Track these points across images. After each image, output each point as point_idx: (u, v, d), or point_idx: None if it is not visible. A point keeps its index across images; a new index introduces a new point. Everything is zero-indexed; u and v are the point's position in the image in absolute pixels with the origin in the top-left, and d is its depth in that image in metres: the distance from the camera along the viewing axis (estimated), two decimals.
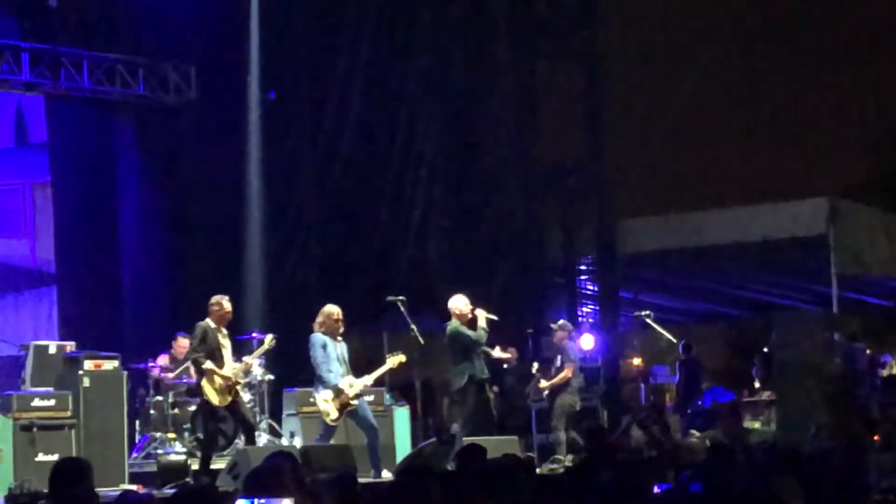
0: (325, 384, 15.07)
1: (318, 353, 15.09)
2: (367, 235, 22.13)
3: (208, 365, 14.78)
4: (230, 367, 14.98)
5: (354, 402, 15.15)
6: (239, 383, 15.18)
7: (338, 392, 15.04)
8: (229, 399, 14.91)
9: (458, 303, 16.44)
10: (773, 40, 20.80)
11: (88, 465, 7.99)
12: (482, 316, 16.27)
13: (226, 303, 15.12)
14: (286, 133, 22.23)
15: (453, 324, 16.32)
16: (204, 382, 14.84)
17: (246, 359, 15.54)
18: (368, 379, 15.48)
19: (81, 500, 7.65)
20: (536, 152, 22.13)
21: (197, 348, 14.93)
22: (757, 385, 22.82)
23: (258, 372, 17.58)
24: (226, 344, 15.10)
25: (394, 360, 15.65)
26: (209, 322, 14.98)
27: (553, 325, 18.33)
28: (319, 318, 15.29)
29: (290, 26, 22.17)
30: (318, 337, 15.16)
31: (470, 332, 16.30)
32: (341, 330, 15.34)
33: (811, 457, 9.01)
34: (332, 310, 15.31)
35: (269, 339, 15.74)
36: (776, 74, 21.01)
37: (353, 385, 15.14)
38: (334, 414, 15.08)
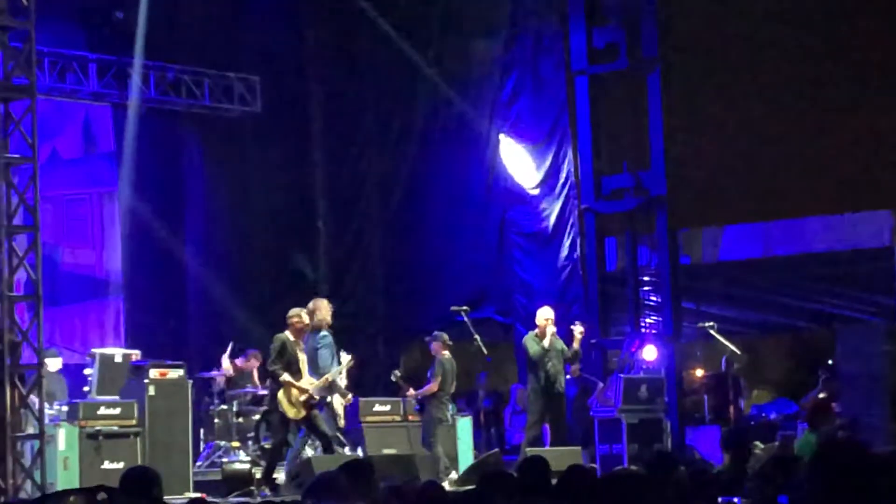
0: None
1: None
2: (430, 244, 22.10)
3: (286, 377, 14.86)
4: (307, 380, 15.07)
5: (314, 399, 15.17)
6: (315, 398, 15.19)
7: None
8: (304, 413, 14.99)
9: (537, 314, 16.57)
10: (841, 49, 20.64)
11: (157, 475, 8.09)
12: (549, 332, 16.31)
13: (304, 316, 15.21)
14: (351, 144, 22.30)
15: (528, 334, 16.49)
16: (280, 394, 14.91)
17: (327, 376, 15.49)
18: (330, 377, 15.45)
19: None
20: (599, 162, 22.03)
21: (275, 361, 15.01)
22: (821, 397, 22.63)
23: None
24: (303, 357, 15.18)
25: (346, 360, 15.66)
26: (288, 335, 15.07)
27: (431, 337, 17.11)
28: (318, 314, 15.60)
29: (353, 36, 22.25)
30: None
31: (533, 345, 16.34)
32: None
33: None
34: (326, 304, 15.82)
35: (347, 359, 15.66)
36: (843, 83, 20.84)
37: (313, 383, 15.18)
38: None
